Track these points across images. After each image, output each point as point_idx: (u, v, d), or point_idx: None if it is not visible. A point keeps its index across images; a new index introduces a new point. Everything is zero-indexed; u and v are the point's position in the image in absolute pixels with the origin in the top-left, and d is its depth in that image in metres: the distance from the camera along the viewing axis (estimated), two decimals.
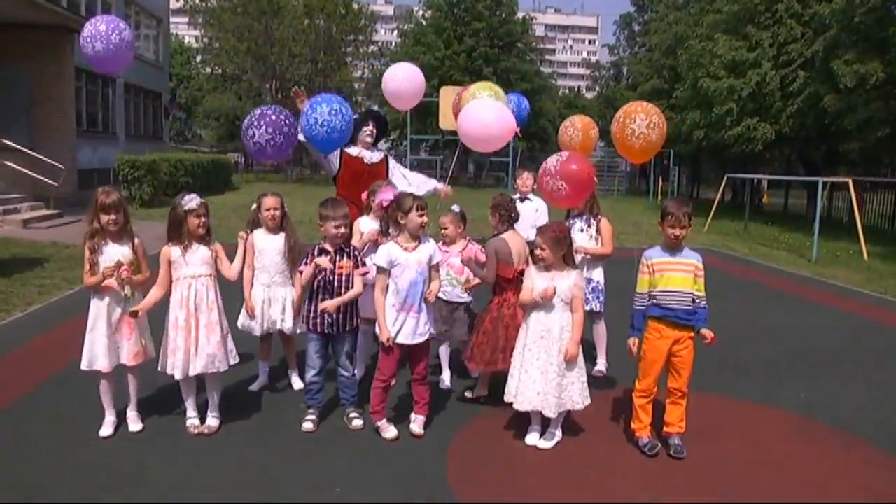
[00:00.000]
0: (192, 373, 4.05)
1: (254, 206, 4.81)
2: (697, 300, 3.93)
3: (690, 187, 35.48)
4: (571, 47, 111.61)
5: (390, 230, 4.49)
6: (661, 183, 30.24)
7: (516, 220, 4.76)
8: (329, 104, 4.74)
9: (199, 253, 4.09)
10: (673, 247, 4.00)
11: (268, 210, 4.70)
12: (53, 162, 14.60)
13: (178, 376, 4.05)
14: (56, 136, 16.30)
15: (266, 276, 4.72)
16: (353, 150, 5.56)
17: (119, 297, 3.99)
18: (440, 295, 4.77)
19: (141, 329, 4.09)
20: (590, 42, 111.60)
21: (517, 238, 4.62)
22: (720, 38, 20.31)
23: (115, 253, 3.93)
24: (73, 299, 4.03)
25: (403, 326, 4.06)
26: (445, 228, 4.85)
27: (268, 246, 4.71)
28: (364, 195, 4.99)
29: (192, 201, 4.03)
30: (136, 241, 4.07)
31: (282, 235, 4.73)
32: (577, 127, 6.06)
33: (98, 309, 3.97)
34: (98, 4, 21.43)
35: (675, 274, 3.95)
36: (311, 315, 4.20)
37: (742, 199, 24.92)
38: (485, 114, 5.11)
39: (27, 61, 15.96)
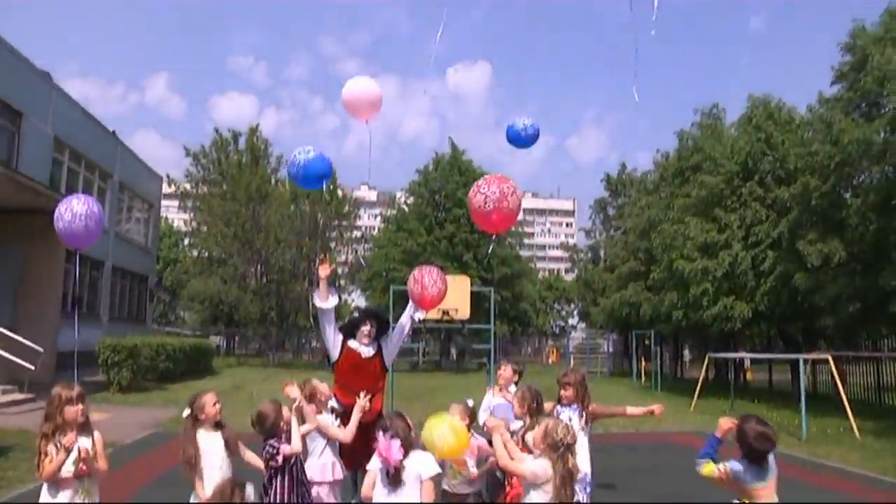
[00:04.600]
0: None
1: (186, 411, 4.57)
2: None
3: (673, 366, 35.30)
4: (549, 230, 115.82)
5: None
6: (643, 363, 30.08)
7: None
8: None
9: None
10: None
11: (213, 406, 4.54)
12: (32, 344, 14.43)
13: None
14: (41, 317, 16.26)
15: (218, 473, 4.42)
16: (353, 344, 6.16)
17: (73, 495, 3.78)
18: (445, 487, 4.82)
19: None
20: (567, 224, 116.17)
21: None
22: (691, 221, 21.00)
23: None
24: (37, 493, 3.79)
25: None
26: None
27: (211, 446, 4.49)
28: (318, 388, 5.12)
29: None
30: (96, 434, 3.93)
31: (220, 433, 4.57)
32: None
33: None
34: (94, 190, 22.18)
35: None
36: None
37: (726, 376, 24.82)
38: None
39: (18, 242, 16.29)
